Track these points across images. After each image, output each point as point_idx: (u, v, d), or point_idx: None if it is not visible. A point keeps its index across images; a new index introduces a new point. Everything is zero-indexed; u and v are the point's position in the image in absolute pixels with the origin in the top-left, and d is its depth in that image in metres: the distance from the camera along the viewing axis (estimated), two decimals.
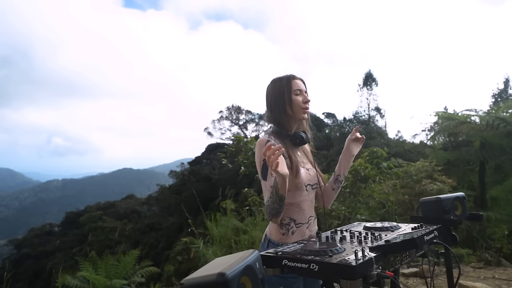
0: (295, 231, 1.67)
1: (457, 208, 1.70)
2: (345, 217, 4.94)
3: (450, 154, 10.61)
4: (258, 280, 0.92)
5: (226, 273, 0.80)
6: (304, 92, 1.74)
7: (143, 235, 29.75)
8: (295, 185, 1.65)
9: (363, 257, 1.02)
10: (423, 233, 1.21)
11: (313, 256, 1.08)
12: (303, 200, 1.68)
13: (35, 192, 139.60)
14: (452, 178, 8.54)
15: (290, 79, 1.74)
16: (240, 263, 0.87)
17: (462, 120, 9.86)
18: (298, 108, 1.71)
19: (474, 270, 4.12)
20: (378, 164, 5.95)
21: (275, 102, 1.73)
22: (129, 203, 41.66)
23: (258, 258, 0.96)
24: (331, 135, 34.91)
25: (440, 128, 10.60)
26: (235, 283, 0.82)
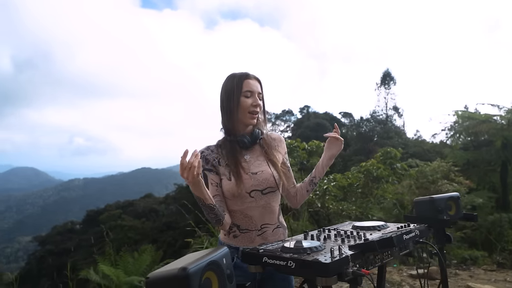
0: (238, 235, 1.60)
1: (451, 208, 1.70)
2: (356, 217, 4.93)
3: (470, 154, 10.35)
4: (224, 275, 0.95)
5: (188, 267, 0.83)
6: (255, 94, 1.61)
7: (161, 234, 30.20)
8: (230, 193, 1.57)
9: (339, 255, 1.05)
10: (402, 232, 1.23)
11: (291, 254, 1.11)
12: (247, 207, 1.58)
13: (58, 191, 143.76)
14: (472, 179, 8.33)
15: (242, 78, 1.60)
16: (205, 258, 0.91)
17: (482, 119, 9.62)
18: (244, 112, 1.59)
19: (485, 273, 4.04)
20: (392, 165, 5.89)
21: (224, 103, 1.62)
22: (148, 202, 42.38)
23: (226, 254, 0.99)
24: (347, 135, 34.56)
25: (460, 128, 10.37)
26: (197, 278, 0.85)
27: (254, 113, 1.60)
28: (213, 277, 0.93)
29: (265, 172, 1.60)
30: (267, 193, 1.60)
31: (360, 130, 32.76)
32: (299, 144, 5.93)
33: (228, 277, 0.97)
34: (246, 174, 1.58)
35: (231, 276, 0.98)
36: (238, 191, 1.54)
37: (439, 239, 1.61)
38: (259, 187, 1.58)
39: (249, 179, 1.57)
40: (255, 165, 1.62)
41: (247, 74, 1.62)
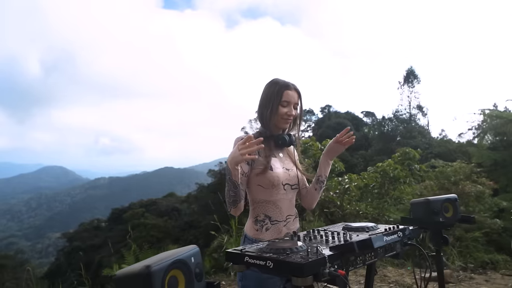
0: (270, 228, 1.73)
1: (448, 210, 1.68)
2: (373, 218, 4.87)
3: (498, 155, 9.96)
4: (192, 274, 0.97)
5: (151, 265, 0.86)
6: (292, 105, 1.78)
7: (183, 232, 30.67)
8: (270, 182, 1.72)
9: (316, 255, 1.07)
10: (382, 234, 1.23)
11: (271, 254, 1.14)
12: (280, 199, 1.74)
13: (85, 189, 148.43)
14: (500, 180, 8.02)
15: (282, 89, 1.78)
16: (171, 257, 0.93)
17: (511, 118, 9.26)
18: (279, 118, 1.77)
19: (503, 277, 3.90)
20: (410, 166, 5.78)
21: (264, 105, 1.80)
22: (170, 201, 43.11)
23: (195, 253, 1.02)
24: (369, 134, 33.95)
25: (488, 127, 10.02)
26: (159, 276, 0.87)
27: (286, 120, 1.78)
28: (179, 275, 0.96)
29: (294, 170, 1.82)
30: (294, 189, 1.81)
31: (382, 129, 32.12)
32: (314, 143, 5.91)
33: (196, 276, 0.99)
34: (282, 168, 1.77)
35: (200, 275, 1.00)
36: (276, 182, 1.71)
37: (436, 241, 1.60)
38: (290, 182, 1.78)
39: (285, 173, 1.76)
40: (286, 163, 1.83)
41: (288, 85, 1.79)
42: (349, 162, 27.48)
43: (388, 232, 1.27)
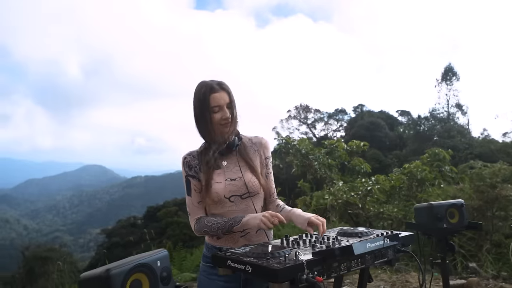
0: (222, 237, 1.67)
1: (453, 216, 1.62)
2: (399, 220, 4.75)
3: None
4: (157, 277, 1.00)
5: (111, 269, 0.89)
6: (224, 107, 1.66)
7: None
8: (211, 200, 1.65)
9: (294, 261, 1.06)
10: (366, 241, 1.21)
11: (252, 258, 1.15)
12: (227, 211, 1.65)
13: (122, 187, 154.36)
14: None
15: (207, 94, 1.64)
16: (134, 261, 0.96)
17: None
18: (217, 126, 1.66)
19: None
20: (440, 167, 5.57)
21: (197, 118, 1.70)
22: None
23: (162, 257, 1.04)
24: (404, 134, 32.84)
25: None
26: (119, 279, 0.90)
27: (225, 124, 1.66)
28: (144, 279, 0.98)
29: (243, 178, 1.67)
30: (246, 198, 1.67)
31: (418, 129, 30.99)
32: (339, 144, 5.84)
33: (162, 279, 1.01)
34: (225, 180, 1.65)
35: (166, 278, 1.02)
36: (217, 197, 1.63)
37: (441, 248, 1.56)
38: (238, 192, 1.66)
39: (228, 185, 1.64)
40: (234, 171, 1.68)
41: (212, 87, 1.65)
42: (383, 162, 26.73)
43: (372, 239, 1.24)
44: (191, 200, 1.69)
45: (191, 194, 1.68)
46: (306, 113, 42.12)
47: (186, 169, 1.69)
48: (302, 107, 41.91)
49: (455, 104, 32.60)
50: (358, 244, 1.17)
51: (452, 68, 33.57)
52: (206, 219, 1.65)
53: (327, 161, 5.29)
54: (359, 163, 5.75)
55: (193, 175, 1.69)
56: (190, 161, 1.70)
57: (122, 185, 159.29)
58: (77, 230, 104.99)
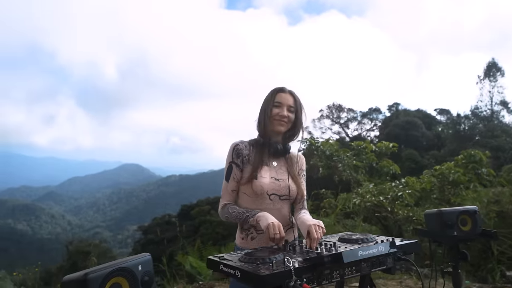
0: (255, 237, 1.73)
1: (466, 223, 1.53)
2: None
3: None
4: (137, 282, 1.02)
5: (88, 273, 0.91)
6: (285, 106, 1.77)
7: None
8: (254, 192, 1.72)
9: (282, 268, 1.06)
10: (358, 249, 1.18)
11: (242, 264, 1.15)
12: (265, 208, 1.71)
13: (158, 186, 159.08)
14: None
15: (275, 92, 1.80)
16: (115, 265, 0.98)
17: None
18: (272, 120, 1.76)
19: None
20: (476, 170, 5.28)
21: (260, 112, 1.82)
22: None
23: (144, 261, 1.06)
24: (442, 134, 31.40)
25: None
26: (96, 283, 0.92)
27: (280, 121, 1.76)
28: (124, 282, 0.99)
29: (285, 181, 1.78)
30: (283, 199, 1.78)
31: (457, 128, 29.51)
32: (367, 145, 5.70)
33: (143, 284, 1.02)
34: (270, 178, 1.75)
35: (148, 283, 1.03)
36: (260, 191, 1.71)
37: (452, 256, 1.49)
38: (279, 192, 1.76)
39: (272, 183, 1.74)
40: (279, 172, 1.80)
41: (282, 88, 1.82)
42: (420, 163, 25.73)
43: (364, 247, 1.21)
44: (226, 186, 1.78)
45: (229, 180, 1.77)
46: (339, 113, 41.44)
47: (234, 156, 1.78)
48: (334, 106, 41.27)
49: (499, 102, 30.76)
50: (349, 251, 1.14)
51: (496, 63, 31.67)
52: (230, 206, 1.74)
53: (352, 163, 5.18)
54: (388, 164, 5.58)
55: (237, 164, 1.77)
56: (242, 150, 1.78)
57: (158, 183, 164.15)
58: (115, 227, 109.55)
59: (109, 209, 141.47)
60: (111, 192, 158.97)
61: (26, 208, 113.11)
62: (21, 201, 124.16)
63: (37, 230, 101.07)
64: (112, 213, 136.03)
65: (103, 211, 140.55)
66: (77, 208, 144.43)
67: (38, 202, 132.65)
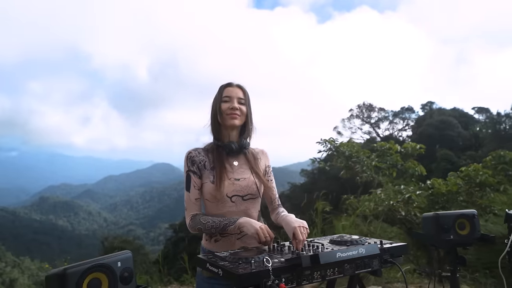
0: (220, 240, 1.68)
1: (463, 227, 1.49)
2: None
3: None
4: (116, 277, 1.08)
5: (68, 268, 0.98)
6: (234, 99, 1.72)
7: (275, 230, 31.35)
8: (213, 196, 1.66)
9: (261, 267, 1.08)
10: (337, 250, 1.18)
11: (226, 262, 1.18)
12: (228, 212, 1.67)
13: None
14: None
15: (223, 87, 1.77)
16: (94, 261, 1.05)
17: None
18: (224, 115, 1.71)
19: None
20: (507, 171, 5.03)
21: (211, 111, 1.78)
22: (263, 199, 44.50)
23: (124, 258, 1.11)
24: (480, 133, 29.95)
25: None
26: (74, 278, 0.99)
27: (232, 114, 1.71)
28: (103, 278, 1.07)
29: (248, 179, 1.71)
30: (247, 199, 1.71)
31: (497, 127, 28.00)
32: (392, 145, 5.56)
33: (122, 279, 1.09)
34: (229, 179, 1.68)
35: (127, 278, 1.09)
36: (220, 195, 1.64)
37: (450, 261, 1.46)
38: (240, 192, 1.69)
39: (231, 184, 1.67)
40: (239, 172, 1.72)
41: (229, 83, 1.78)
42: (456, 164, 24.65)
43: (343, 249, 1.20)
44: (189, 196, 1.71)
45: (190, 190, 1.71)
46: (369, 112, 40.53)
47: (189, 164, 1.72)
48: (365, 106, 40.40)
49: None
50: (326, 253, 1.15)
51: None
52: (201, 217, 1.66)
53: (371, 164, 5.08)
54: (413, 165, 5.42)
55: (194, 171, 1.71)
56: (195, 157, 1.73)
57: None
58: (148, 224, 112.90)
59: (142, 207, 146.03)
60: (144, 191, 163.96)
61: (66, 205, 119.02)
62: (61, 198, 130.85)
63: (76, 226, 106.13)
64: (145, 211, 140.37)
65: (137, 209, 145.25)
66: (112, 205, 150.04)
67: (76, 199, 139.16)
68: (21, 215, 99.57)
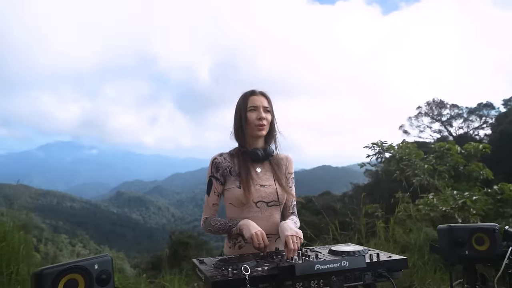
0: (243, 246, 1.69)
1: (482, 242, 1.32)
2: None
3: None
4: (92, 279, 1.13)
5: (45, 268, 1.04)
6: (260, 108, 1.73)
7: None
8: (239, 201, 1.69)
9: (239, 275, 1.08)
10: (315, 262, 1.13)
11: (210, 269, 1.20)
12: (252, 217, 1.67)
13: None
14: None
15: (247, 95, 1.76)
16: (72, 262, 1.12)
17: None
18: (251, 126, 1.72)
19: None
20: None
21: (235, 119, 1.78)
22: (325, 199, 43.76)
23: (102, 261, 1.17)
24: None
25: None
26: (50, 278, 1.05)
27: (260, 125, 1.72)
28: (80, 279, 1.13)
29: (272, 186, 1.74)
30: (272, 206, 1.73)
31: None
32: (452, 146, 5.13)
33: (99, 281, 1.15)
34: (255, 185, 1.71)
35: (104, 281, 1.15)
36: (246, 200, 1.67)
37: (467, 278, 1.31)
38: (265, 199, 1.72)
39: (257, 190, 1.70)
40: (264, 178, 1.75)
41: (252, 91, 1.78)
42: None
43: (324, 261, 1.14)
44: (208, 200, 1.79)
45: (210, 194, 1.78)
46: (440, 109, 37.65)
47: (213, 170, 1.77)
48: (435, 103, 37.61)
49: None
50: (303, 264, 1.11)
51: None
52: (212, 219, 1.75)
53: (423, 167, 4.73)
54: (478, 168, 4.94)
55: (217, 178, 1.76)
56: (220, 163, 1.77)
57: None
58: None
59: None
60: None
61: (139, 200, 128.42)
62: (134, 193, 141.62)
63: (147, 220, 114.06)
64: None
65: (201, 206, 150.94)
66: (179, 202, 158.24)
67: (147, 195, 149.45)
68: (101, 208, 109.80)
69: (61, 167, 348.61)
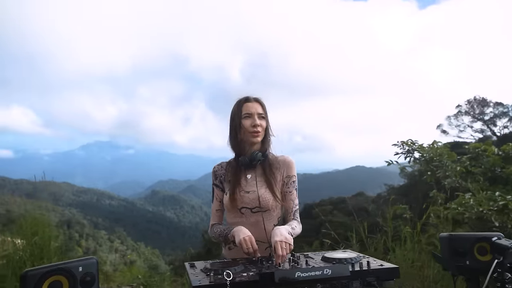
0: (232, 248, 1.74)
1: (485, 252, 1.24)
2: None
3: None
4: (76, 281, 1.17)
5: (30, 270, 1.09)
6: (255, 115, 1.74)
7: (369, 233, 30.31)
8: (226, 207, 1.78)
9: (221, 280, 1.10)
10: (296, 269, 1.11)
11: (196, 272, 1.23)
12: (239, 222, 1.72)
13: None
14: None
15: (241, 102, 1.78)
16: (57, 265, 1.15)
17: None
18: (246, 133, 1.74)
19: None
20: None
21: (230, 127, 1.81)
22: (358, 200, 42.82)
23: (87, 264, 1.20)
24: None
25: None
26: (34, 279, 1.09)
27: (254, 132, 1.74)
28: (64, 281, 1.16)
29: (256, 192, 1.72)
30: (256, 212, 1.73)
31: None
32: (488, 147, 4.83)
33: (83, 283, 1.18)
34: (239, 192, 1.74)
35: (88, 283, 1.19)
36: (230, 206, 1.74)
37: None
38: (249, 205, 1.73)
39: (241, 197, 1.73)
40: (251, 184, 1.75)
41: (247, 97, 1.80)
42: None
43: (310, 268, 1.13)
44: (212, 207, 1.88)
45: (213, 201, 1.87)
46: (482, 108, 35.71)
47: (213, 178, 1.87)
48: (476, 101, 35.73)
49: None
50: (283, 271, 1.12)
51: None
52: (216, 226, 1.82)
53: (455, 169, 4.49)
54: None
55: (217, 184, 1.86)
56: (218, 171, 1.87)
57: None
58: None
59: None
60: None
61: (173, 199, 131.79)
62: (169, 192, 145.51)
63: (181, 218, 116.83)
64: None
65: None
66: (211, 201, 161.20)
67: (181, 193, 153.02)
68: (138, 206, 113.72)
69: (101, 166, 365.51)
